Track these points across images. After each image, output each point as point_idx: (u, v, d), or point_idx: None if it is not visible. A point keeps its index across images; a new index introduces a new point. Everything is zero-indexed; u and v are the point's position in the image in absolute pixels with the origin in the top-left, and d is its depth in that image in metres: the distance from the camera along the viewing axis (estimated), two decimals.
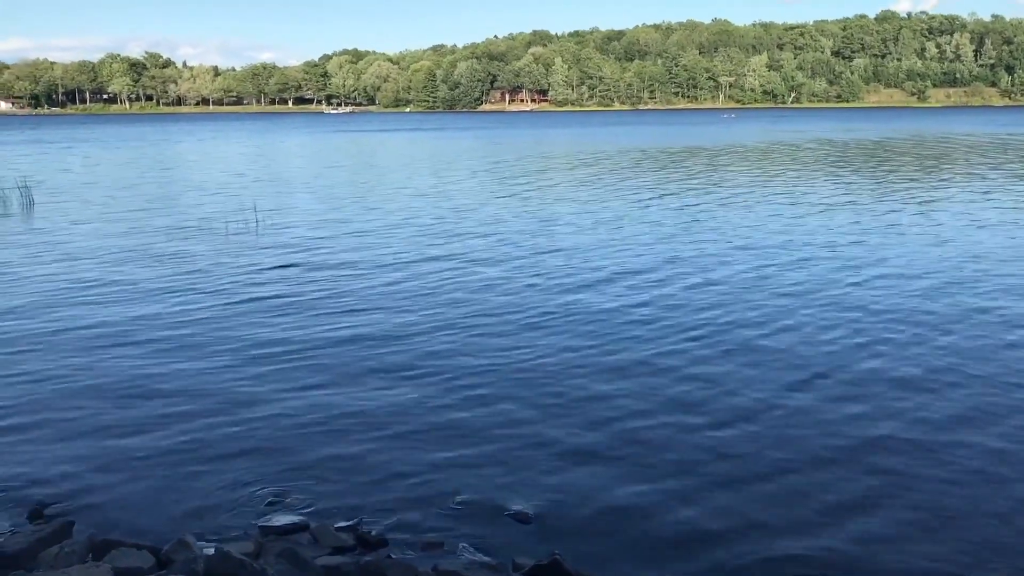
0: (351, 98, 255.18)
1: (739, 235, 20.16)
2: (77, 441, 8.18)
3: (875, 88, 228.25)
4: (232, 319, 12.67)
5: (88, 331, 12.06)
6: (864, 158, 47.80)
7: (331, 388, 9.64)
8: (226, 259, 17.56)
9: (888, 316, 12.55)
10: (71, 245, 19.60)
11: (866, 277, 15.28)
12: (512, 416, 8.76)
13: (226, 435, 8.30)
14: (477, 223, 22.64)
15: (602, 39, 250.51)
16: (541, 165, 45.25)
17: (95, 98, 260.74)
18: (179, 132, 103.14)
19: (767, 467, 7.56)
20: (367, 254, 18.07)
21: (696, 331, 11.86)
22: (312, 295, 14.19)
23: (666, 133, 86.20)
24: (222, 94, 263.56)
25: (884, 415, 8.71)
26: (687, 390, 9.49)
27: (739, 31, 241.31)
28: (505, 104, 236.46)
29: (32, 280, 15.66)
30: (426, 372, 10.16)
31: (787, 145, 61.71)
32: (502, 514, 6.76)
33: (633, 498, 7.03)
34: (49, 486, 7.25)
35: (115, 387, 9.69)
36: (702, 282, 15.02)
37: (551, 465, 7.62)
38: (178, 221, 23.62)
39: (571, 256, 17.63)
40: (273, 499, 7.02)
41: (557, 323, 12.31)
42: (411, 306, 13.39)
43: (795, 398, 9.23)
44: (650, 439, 8.18)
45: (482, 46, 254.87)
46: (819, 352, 10.88)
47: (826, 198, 27.81)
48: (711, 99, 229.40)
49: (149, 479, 7.39)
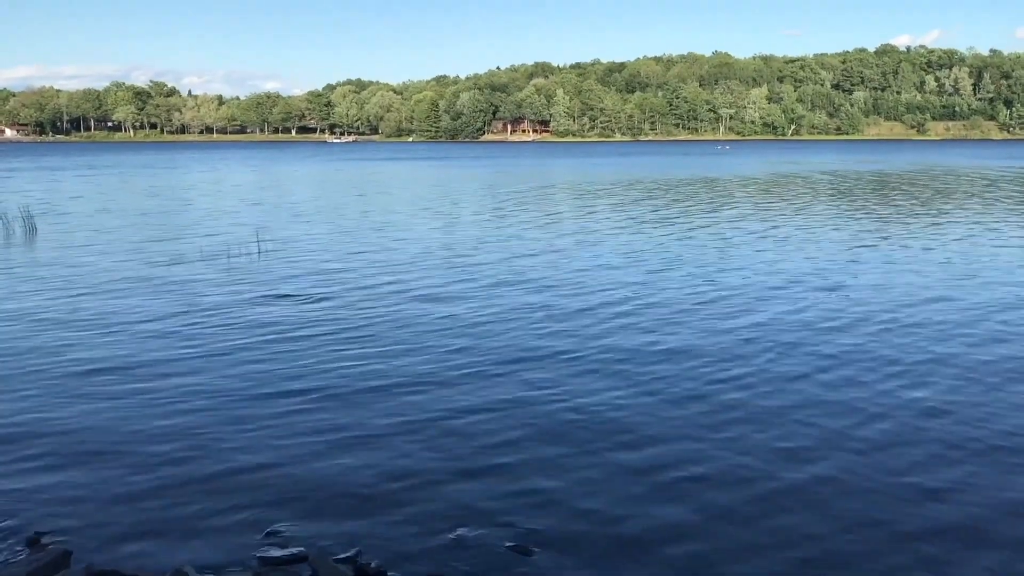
0: (354, 128, 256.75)
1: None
2: (75, 471, 8.15)
3: (875, 121, 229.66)
4: (230, 348, 12.64)
5: (83, 360, 12.03)
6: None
7: (329, 418, 9.59)
8: (225, 287, 17.56)
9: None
10: (69, 272, 19.60)
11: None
12: (513, 446, 8.72)
13: (224, 465, 8.26)
14: (479, 252, 22.64)
15: (604, 71, 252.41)
16: (547, 194, 45.36)
17: (100, 126, 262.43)
18: (184, 160, 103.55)
19: (789, 515, 7.52)
20: (368, 282, 18.07)
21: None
22: (311, 324, 14.17)
23: (668, 164, 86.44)
24: (226, 123, 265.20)
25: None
26: (708, 423, 9.40)
27: (739, 64, 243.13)
28: (507, 134, 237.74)
29: (28, 308, 15.66)
30: (425, 402, 10.13)
31: (786, 176, 61.91)
32: (503, 546, 6.72)
33: (637, 531, 6.98)
34: (47, 515, 7.21)
35: (112, 417, 9.66)
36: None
37: (553, 497, 7.57)
38: (179, 248, 23.66)
39: (581, 288, 17.63)
40: (271, 530, 6.98)
41: (559, 352, 12.29)
42: (411, 334, 13.36)
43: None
44: (658, 471, 8.14)
45: (484, 77, 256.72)
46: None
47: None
48: (711, 131, 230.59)
49: (147, 509, 7.34)
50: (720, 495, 7.63)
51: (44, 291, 17.25)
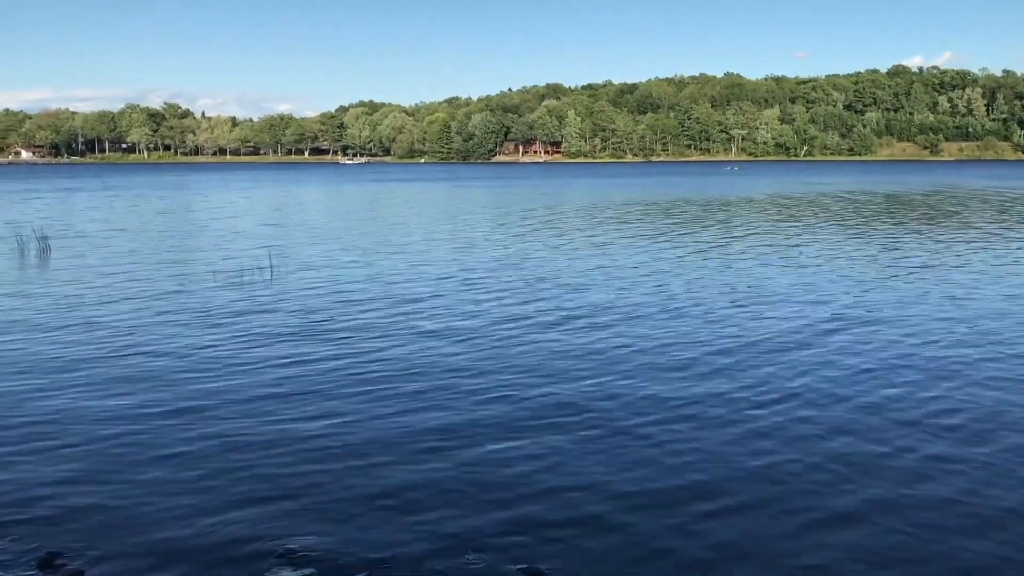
0: (367, 149, 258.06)
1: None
2: (88, 491, 8.17)
3: (888, 142, 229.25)
4: (241, 369, 12.67)
5: (95, 382, 12.08)
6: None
7: (340, 438, 9.60)
8: (238, 307, 17.62)
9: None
10: (80, 292, 19.70)
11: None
12: (527, 469, 8.70)
13: (235, 487, 8.27)
14: (496, 274, 22.66)
15: (615, 92, 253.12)
16: (562, 216, 45.44)
17: (114, 147, 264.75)
18: (198, 182, 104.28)
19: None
20: (381, 304, 18.10)
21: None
22: (324, 344, 14.19)
23: (680, 185, 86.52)
24: (239, 144, 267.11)
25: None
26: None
27: (751, 85, 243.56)
28: (518, 155, 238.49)
29: (38, 327, 15.75)
30: (437, 422, 10.13)
31: (804, 198, 61.83)
32: (515, 570, 6.68)
33: (648, 559, 6.95)
34: (59, 535, 7.23)
35: (123, 438, 9.69)
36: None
37: (566, 521, 7.54)
38: (192, 270, 23.77)
39: (599, 311, 17.62)
40: (282, 551, 6.97)
41: (570, 372, 12.28)
42: (422, 355, 13.38)
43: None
44: (679, 495, 8.11)
45: (496, 99, 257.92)
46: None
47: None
48: (723, 151, 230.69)
49: (160, 531, 7.35)
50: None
51: (55, 311, 17.34)
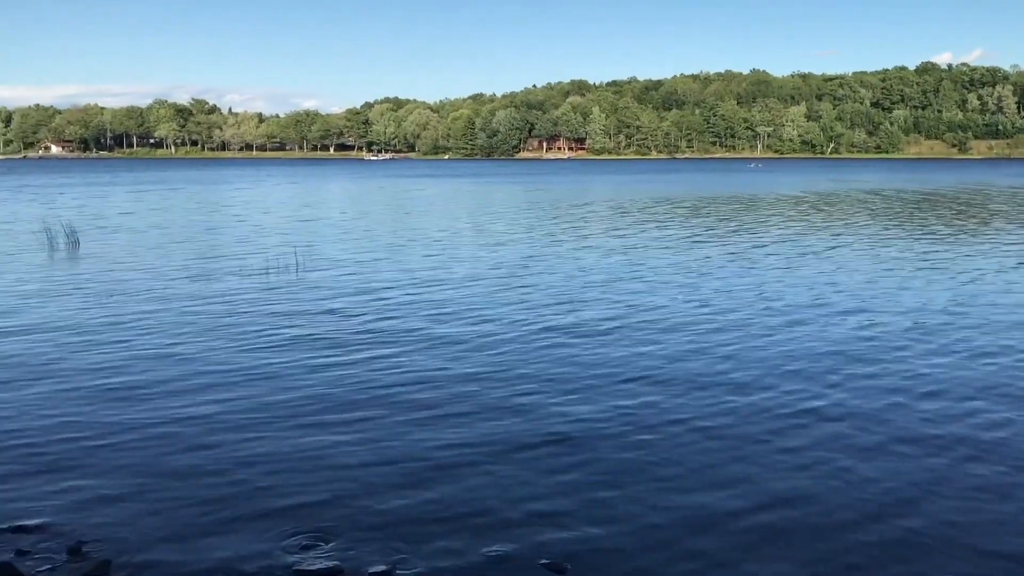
0: (391, 145, 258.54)
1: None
2: (115, 482, 8.27)
3: (915, 139, 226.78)
4: (267, 363, 12.76)
5: (119, 372, 12.22)
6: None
7: (365, 433, 9.65)
8: (263, 302, 17.75)
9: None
10: (107, 285, 19.90)
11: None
12: (551, 466, 8.71)
13: (261, 478, 8.34)
14: (524, 270, 22.68)
15: (640, 89, 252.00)
16: (587, 212, 45.38)
17: (142, 142, 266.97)
18: (226, 177, 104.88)
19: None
20: (407, 298, 18.18)
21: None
22: (350, 338, 14.27)
23: (706, 182, 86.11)
24: (265, 140, 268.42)
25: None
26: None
27: (777, 82, 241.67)
28: (542, 152, 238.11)
29: (65, 320, 15.93)
30: (461, 418, 10.16)
31: (833, 195, 61.36)
32: (536, 565, 6.70)
33: (672, 555, 6.94)
34: (88, 524, 7.32)
35: (151, 430, 9.79)
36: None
37: (589, 517, 7.55)
38: (218, 265, 23.94)
39: (632, 307, 17.59)
40: (307, 543, 7.03)
41: (608, 373, 12.28)
42: (449, 350, 13.41)
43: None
44: (696, 494, 8.10)
45: (521, 95, 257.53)
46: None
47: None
48: (749, 148, 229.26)
49: (185, 520, 7.43)
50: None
51: (82, 304, 17.53)
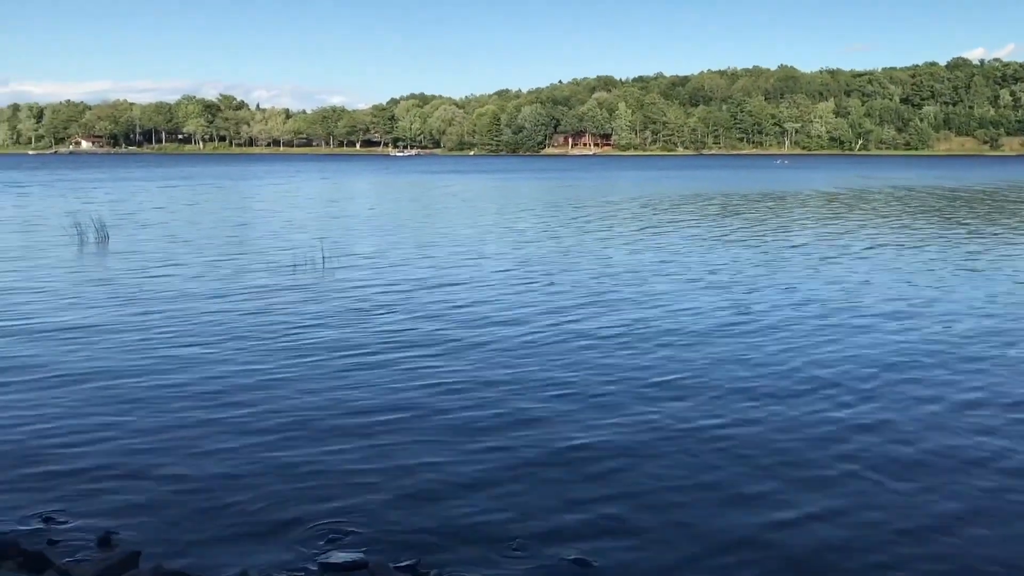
0: (417, 141, 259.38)
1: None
2: (144, 474, 8.34)
3: (945, 136, 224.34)
4: (292, 358, 12.82)
5: (146, 366, 12.33)
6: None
7: (389, 426, 9.68)
8: (289, 297, 17.84)
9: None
10: (134, 279, 20.10)
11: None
12: (575, 460, 8.69)
13: (287, 471, 8.38)
14: (551, 270, 22.65)
15: (667, 84, 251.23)
16: (614, 209, 45.27)
17: (171, 138, 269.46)
18: (255, 172, 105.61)
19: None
20: (432, 298, 18.21)
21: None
22: (376, 335, 14.31)
23: (732, 178, 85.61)
24: (292, 136, 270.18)
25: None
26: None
27: (805, 77, 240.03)
28: (568, 148, 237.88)
29: (98, 310, 16.10)
30: (485, 414, 10.15)
31: (867, 192, 60.78)
32: (561, 559, 6.69)
33: (694, 549, 6.90)
34: (118, 516, 7.39)
35: (178, 422, 9.87)
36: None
37: (616, 512, 7.53)
38: (245, 259, 24.10)
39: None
40: (333, 535, 7.06)
41: (641, 373, 12.24)
42: (475, 353, 13.42)
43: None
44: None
45: (546, 91, 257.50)
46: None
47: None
48: (776, 145, 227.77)
49: (214, 513, 7.48)
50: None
51: (109, 302, 17.69)
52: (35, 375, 11.70)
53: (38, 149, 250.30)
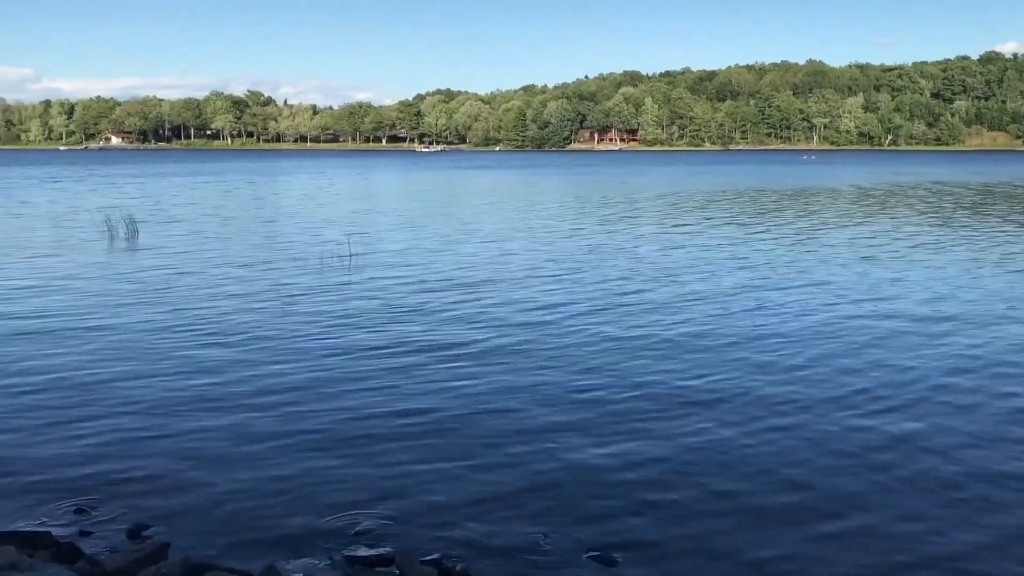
0: (443, 137, 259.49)
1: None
2: (174, 467, 8.45)
3: (977, 131, 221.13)
4: (318, 359, 12.90)
5: (178, 358, 12.47)
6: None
7: (416, 420, 9.74)
8: (316, 297, 17.94)
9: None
10: (163, 275, 20.33)
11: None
12: (600, 456, 8.70)
13: (315, 465, 8.46)
14: (576, 268, 22.64)
15: (694, 79, 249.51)
16: (645, 205, 45.13)
17: (199, 134, 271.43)
18: (283, 168, 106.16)
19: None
20: (461, 298, 18.25)
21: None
22: (402, 337, 14.36)
23: (763, 174, 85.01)
24: (319, 132, 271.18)
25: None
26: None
27: (834, 72, 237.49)
28: (594, 143, 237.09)
29: (126, 309, 16.28)
30: (512, 409, 10.19)
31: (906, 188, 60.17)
32: (587, 555, 6.70)
33: (723, 545, 6.88)
34: (148, 509, 7.49)
35: (209, 415, 9.99)
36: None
37: (639, 508, 7.53)
38: (273, 254, 24.27)
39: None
40: (359, 529, 7.11)
41: (641, 363, 12.22)
42: (502, 348, 13.46)
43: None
44: (753, 486, 8.02)
45: (572, 86, 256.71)
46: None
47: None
48: (805, 140, 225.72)
49: (241, 505, 7.57)
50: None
51: (138, 299, 17.89)
52: (64, 372, 11.87)
53: (69, 145, 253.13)
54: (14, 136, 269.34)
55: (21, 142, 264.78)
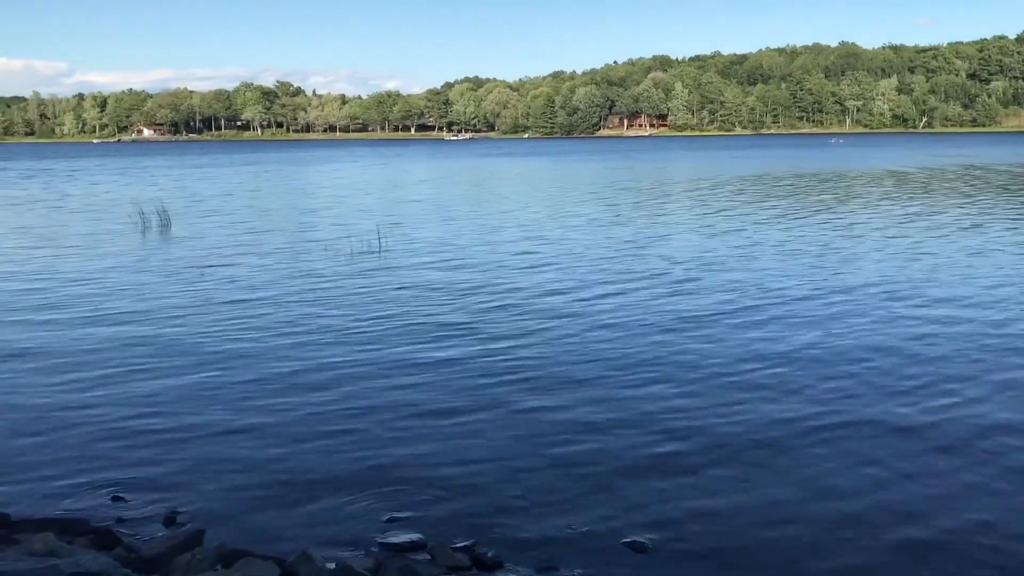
0: (471, 125, 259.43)
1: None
2: (209, 454, 8.54)
3: (1015, 111, 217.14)
4: (353, 340, 12.99)
5: (211, 347, 12.59)
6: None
7: (450, 408, 9.76)
8: (348, 281, 18.05)
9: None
10: (195, 266, 20.50)
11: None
12: (631, 444, 8.68)
13: (348, 452, 8.51)
14: (613, 253, 22.56)
15: (724, 63, 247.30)
16: (679, 191, 44.87)
17: (229, 125, 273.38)
18: (315, 158, 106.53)
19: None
20: (489, 279, 18.26)
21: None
22: (436, 318, 14.42)
23: (801, 158, 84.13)
24: (348, 121, 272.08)
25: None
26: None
27: (867, 54, 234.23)
28: (623, 129, 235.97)
29: (159, 298, 16.45)
30: (544, 398, 10.18)
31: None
32: (618, 542, 6.69)
33: (753, 531, 6.84)
34: (183, 496, 7.58)
35: (242, 403, 10.08)
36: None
37: (670, 495, 7.50)
38: (305, 245, 24.38)
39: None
40: (392, 516, 7.14)
41: (661, 359, 12.16)
42: (532, 330, 13.45)
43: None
44: (777, 469, 7.97)
45: (601, 72, 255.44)
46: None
47: None
48: (837, 123, 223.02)
49: (275, 492, 7.63)
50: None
51: (170, 290, 18.06)
52: (98, 358, 12.04)
53: (102, 138, 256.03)
54: (49, 130, 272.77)
55: (55, 135, 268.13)
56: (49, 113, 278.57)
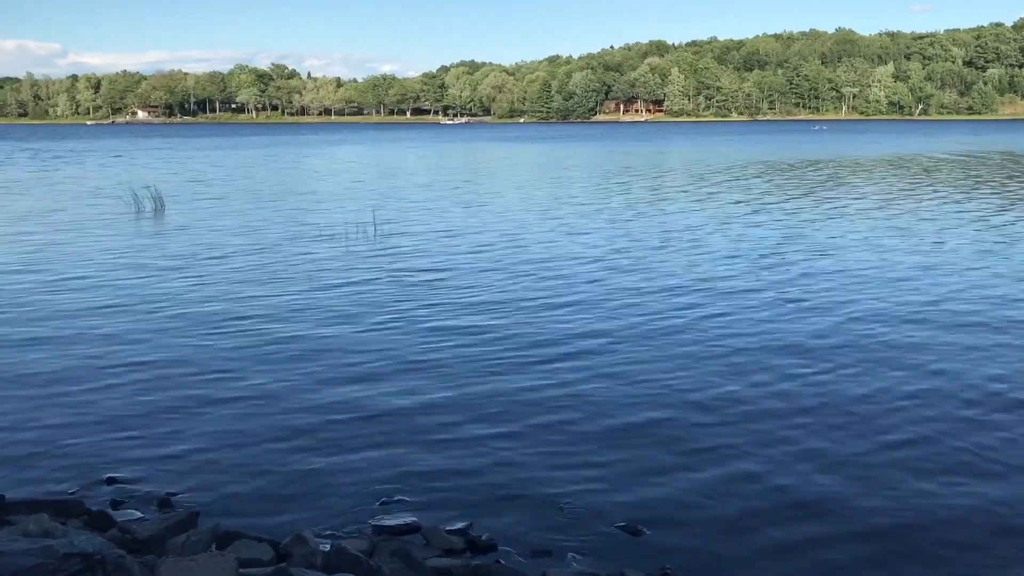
0: (467, 109, 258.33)
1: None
2: (203, 437, 8.55)
3: (1011, 99, 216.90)
4: (346, 327, 12.99)
5: (201, 336, 12.58)
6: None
7: (444, 394, 9.78)
8: (341, 267, 18.03)
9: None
10: (188, 248, 20.48)
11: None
12: (626, 428, 8.71)
13: (342, 436, 8.53)
14: (598, 238, 22.58)
15: (721, 49, 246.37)
16: (680, 178, 44.84)
17: (224, 107, 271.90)
18: (309, 141, 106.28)
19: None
20: (483, 263, 18.28)
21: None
22: (428, 304, 14.42)
23: (791, 143, 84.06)
24: (343, 105, 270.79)
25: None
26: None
27: (864, 41, 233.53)
28: (619, 114, 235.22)
29: (156, 285, 16.43)
30: (541, 381, 10.20)
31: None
32: (612, 525, 6.72)
33: (746, 516, 6.88)
34: (178, 478, 7.60)
35: (236, 388, 10.08)
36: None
37: (663, 479, 7.54)
38: (297, 229, 24.33)
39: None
40: (386, 499, 7.17)
41: (674, 340, 12.19)
42: (528, 313, 13.48)
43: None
44: (772, 453, 8.01)
45: (597, 57, 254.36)
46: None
47: None
48: (834, 110, 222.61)
49: (270, 475, 7.65)
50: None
51: (164, 274, 18.03)
52: (94, 343, 12.03)
53: (96, 119, 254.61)
54: (42, 111, 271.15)
55: (49, 117, 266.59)
56: (43, 94, 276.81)
